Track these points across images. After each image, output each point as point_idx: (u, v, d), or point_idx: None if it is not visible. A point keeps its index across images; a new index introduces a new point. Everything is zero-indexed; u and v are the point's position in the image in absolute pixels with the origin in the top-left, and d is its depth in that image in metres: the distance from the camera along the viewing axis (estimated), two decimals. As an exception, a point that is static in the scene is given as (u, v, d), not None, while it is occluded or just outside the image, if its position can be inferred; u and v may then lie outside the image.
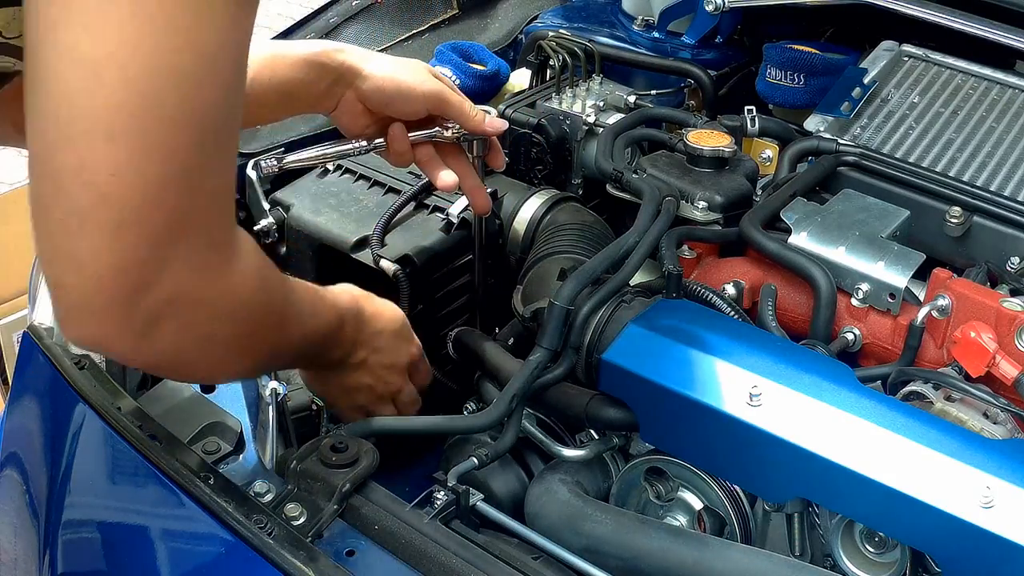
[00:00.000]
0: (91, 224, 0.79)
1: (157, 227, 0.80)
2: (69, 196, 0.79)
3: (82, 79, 0.76)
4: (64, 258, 0.81)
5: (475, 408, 1.33)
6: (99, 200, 0.78)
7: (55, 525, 1.21)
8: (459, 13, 1.99)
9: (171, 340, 0.87)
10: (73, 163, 0.78)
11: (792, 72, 1.65)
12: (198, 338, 0.90)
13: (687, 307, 1.22)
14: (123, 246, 0.80)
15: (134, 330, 0.84)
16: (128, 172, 0.78)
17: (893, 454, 1.03)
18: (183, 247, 0.83)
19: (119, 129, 0.77)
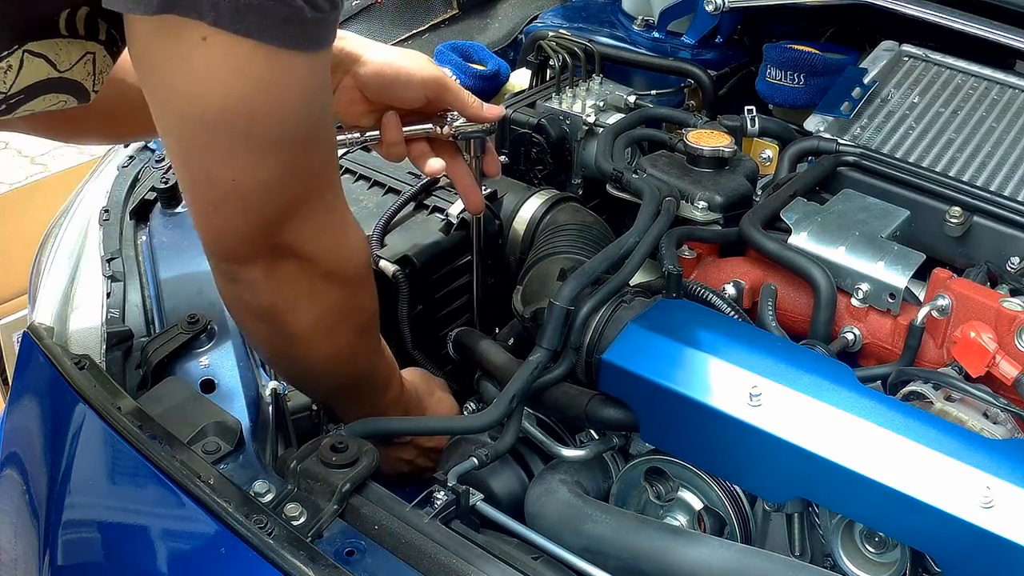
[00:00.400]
0: (223, 209, 1.02)
1: (277, 207, 1.02)
2: (203, 193, 1.02)
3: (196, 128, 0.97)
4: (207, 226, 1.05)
5: (475, 408, 1.33)
6: (225, 196, 1.01)
7: (55, 525, 1.21)
8: (459, 13, 1.99)
9: (289, 280, 1.08)
10: (203, 175, 1.01)
11: (792, 72, 1.65)
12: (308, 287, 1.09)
13: (687, 307, 1.23)
14: (250, 221, 1.02)
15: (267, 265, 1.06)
16: (244, 179, 0.99)
17: (893, 454, 1.03)
18: (302, 217, 1.04)
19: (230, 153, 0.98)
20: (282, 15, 0.91)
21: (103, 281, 1.43)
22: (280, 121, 0.98)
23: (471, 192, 1.39)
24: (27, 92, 1.04)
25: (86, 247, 1.52)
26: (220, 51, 0.92)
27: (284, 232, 1.04)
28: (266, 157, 0.99)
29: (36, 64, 1.02)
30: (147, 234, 1.54)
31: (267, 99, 0.96)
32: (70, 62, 1.04)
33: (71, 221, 1.60)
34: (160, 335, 1.31)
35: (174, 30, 0.91)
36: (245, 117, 0.95)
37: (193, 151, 0.99)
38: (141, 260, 1.48)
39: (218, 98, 0.94)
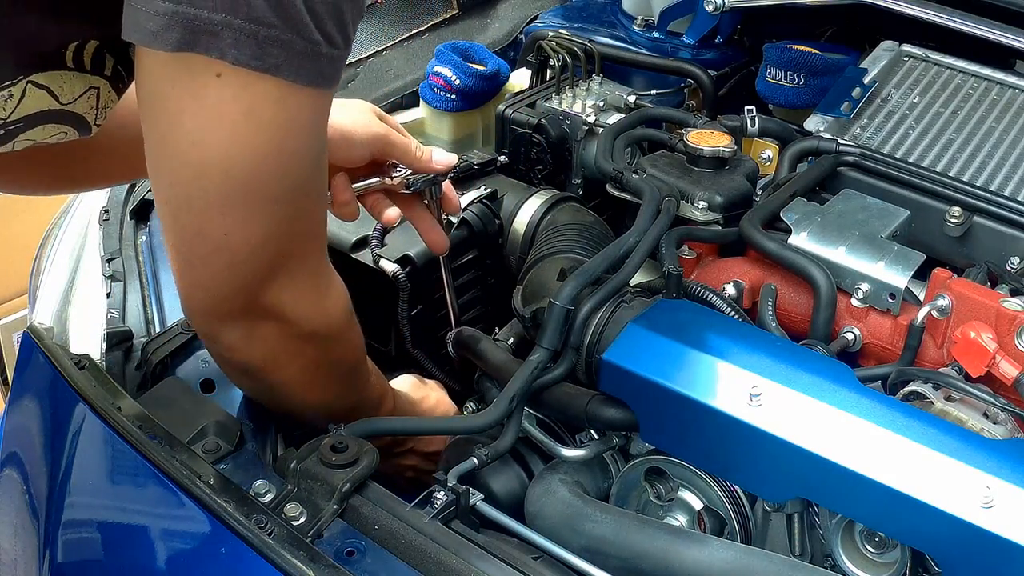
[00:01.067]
0: (209, 265, 1.00)
1: (262, 264, 1.01)
2: (192, 246, 1.00)
3: (194, 177, 0.95)
4: (191, 281, 1.03)
5: (475, 408, 1.33)
6: (215, 250, 0.99)
7: (55, 525, 1.21)
8: (459, 13, 1.99)
9: (268, 342, 1.07)
10: (193, 228, 0.98)
11: (792, 72, 1.65)
12: (288, 347, 1.09)
13: (687, 307, 1.22)
14: (235, 277, 1.01)
15: (241, 332, 1.06)
16: (236, 234, 0.98)
17: (893, 454, 1.03)
18: (284, 276, 1.03)
19: (226, 207, 0.96)
20: (300, 49, 0.91)
21: (103, 281, 1.43)
22: (282, 170, 0.97)
23: (433, 234, 1.37)
24: (26, 121, 1.02)
25: (86, 247, 1.52)
26: (234, 89, 0.91)
27: (266, 292, 1.03)
28: (263, 211, 0.98)
29: (38, 95, 1.01)
30: (147, 234, 1.54)
31: (272, 145, 0.95)
32: (73, 96, 1.03)
33: (71, 221, 1.60)
34: (160, 335, 1.31)
35: (188, 66, 0.90)
36: (247, 166, 0.94)
37: (187, 200, 0.97)
38: (141, 260, 1.48)
39: (223, 142, 0.93)
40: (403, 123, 1.78)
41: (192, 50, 0.89)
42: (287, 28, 0.90)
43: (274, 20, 0.89)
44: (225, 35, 0.88)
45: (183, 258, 1.01)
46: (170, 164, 0.96)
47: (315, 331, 1.09)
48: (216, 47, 0.89)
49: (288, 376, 1.12)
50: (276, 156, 0.95)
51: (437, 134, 1.80)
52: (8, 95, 0.99)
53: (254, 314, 1.04)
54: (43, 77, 1.00)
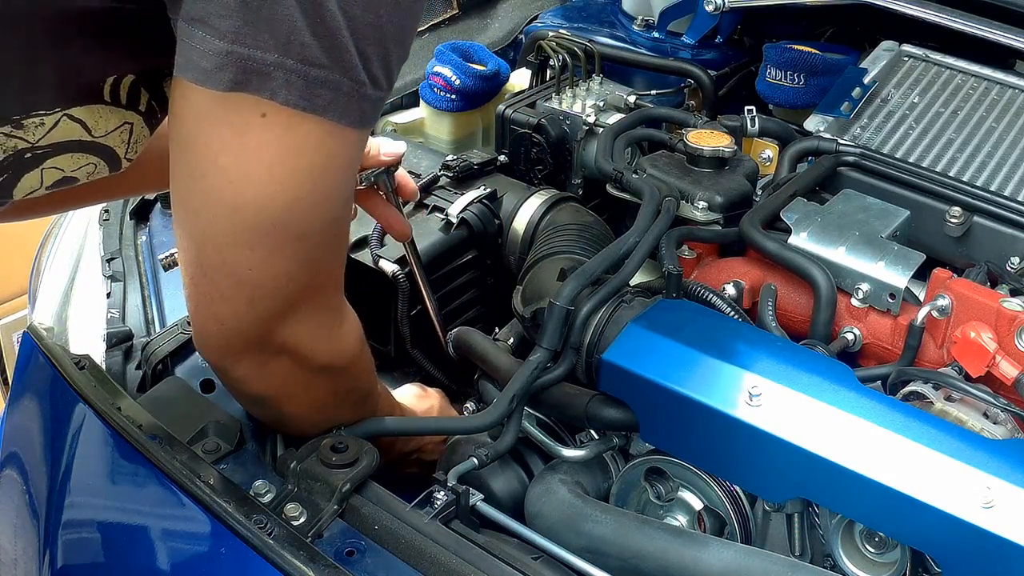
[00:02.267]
0: (230, 298, 0.99)
1: (282, 301, 1.01)
2: (214, 281, 0.99)
3: (226, 213, 0.94)
4: (208, 315, 1.01)
5: (475, 408, 1.33)
6: (237, 284, 0.98)
7: (55, 525, 1.21)
8: (459, 13, 1.99)
9: (281, 375, 1.07)
10: (217, 262, 0.98)
11: (792, 72, 1.65)
12: (301, 380, 1.08)
13: (687, 307, 1.22)
14: (254, 312, 1.00)
15: (254, 366, 1.05)
16: (261, 269, 0.97)
17: (893, 454, 1.03)
18: (302, 311, 1.02)
19: (256, 243, 0.96)
20: (347, 90, 0.91)
21: (103, 281, 1.43)
22: (314, 208, 0.97)
23: (393, 222, 1.37)
24: (55, 147, 1.02)
25: (86, 247, 1.53)
26: (278, 131, 0.91)
27: (283, 327, 1.02)
28: (291, 247, 0.98)
29: (70, 127, 1.01)
30: (147, 234, 1.54)
31: (309, 185, 0.95)
32: (107, 129, 1.04)
33: (71, 221, 1.60)
34: (160, 335, 1.31)
35: (235, 106, 0.90)
36: (282, 204, 0.94)
37: (214, 236, 0.96)
38: (141, 260, 1.48)
39: (262, 181, 0.93)
40: (403, 123, 1.79)
41: (244, 90, 0.89)
42: (337, 69, 0.90)
43: (325, 61, 0.89)
44: (277, 75, 0.88)
45: (201, 292, 1.00)
46: (202, 200, 0.95)
47: (329, 364, 1.09)
48: (267, 87, 0.89)
49: (300, 406, 1.13)
50: (311, 195, 0.96)
51: (437, 134, 1.80)
52: (40, 122, 0.99)
53: (269, 348, 1.03)
54: (80, 111, 1.01)
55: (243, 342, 1.03)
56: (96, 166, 1.07)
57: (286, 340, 1.03)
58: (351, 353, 1.12)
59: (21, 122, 0.98)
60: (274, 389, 1.09)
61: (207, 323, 1.02)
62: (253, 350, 1.03)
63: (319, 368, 1.08)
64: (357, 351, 1.13)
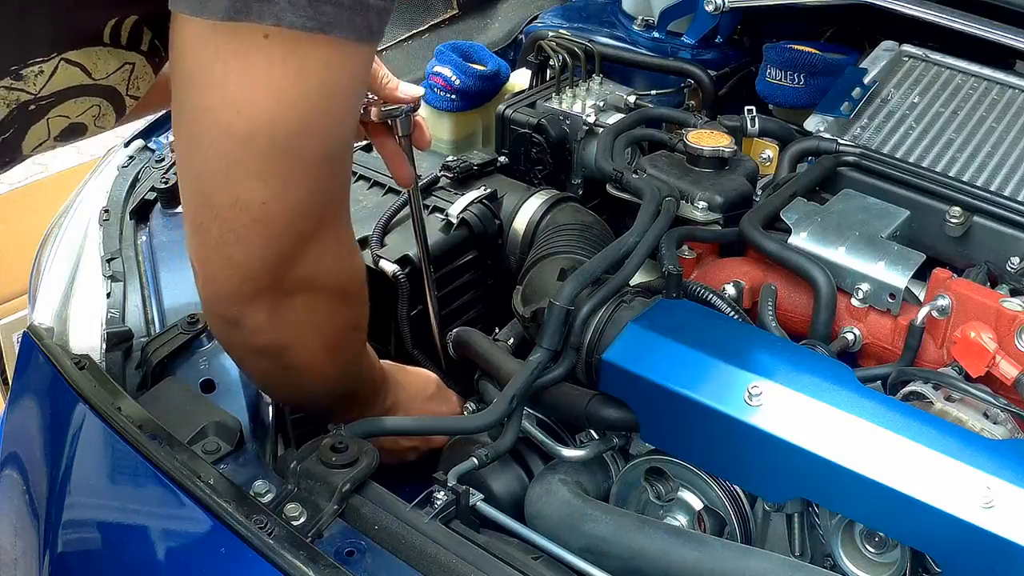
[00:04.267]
0: (245, 238, 0.96)
1: (298, 234, 0.98)
2: (227, 220, 0.95)
3: (237, 147, 0.92)
4: (221, 261, 0.98)
5: (475, 408, 1.33)
6: (252, 222, 0.95)
7: (55, 525, 1.21)
8: (459, 13, 1.99)
9: (298, 315, 1.04)
10: (229, 198, 0.94)
11: (792, 72, 1.65)
12: (318, 316, 1.06)
13: (687, 307, 1.22)
14: (272, 251, 0.97)
15: (272, 306, 1.02)
16: (275, 202, 0.95)
17: (893, 454, 1.03)
18: (315, 247, 1.00)
19: (269, 174, 0.93)
20: (349, 3, 0.89)
21: (103, 281, 1.43)
22: (325, 132, 0.95)
23: (400, 166, 1.36)
24: (58, 95, 1.01)
25: (86, 247, 1.53)
26: (282, 51, 0.88)
27: (300, 263, 1.00)
28: (304, 175, 0.95)
29: (70, 72, 1.00)
30: (147, 234, 1.54)
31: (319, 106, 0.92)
32: (107, 71, 1.02)
33: (71, 221, 1.60)
34: (160, 335, 1.31)
35: (235, 32, 0.87)
36: (293, 130, 0.92)
37: (225, 172, 0.93)
38: (141, 260, 1.48)
39: (270, 108, 0.90)
40: (403, 123, 1.78)
41: (245, 18, 0.86)
42: None
43: None
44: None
45: (213, 237, 0.96)
46: (210, 135, 0.92)
47: (345, 292, 1.08)
48: (271, 13, 0.86)
49: (311, 350, 1.10)
50: (322, 117, 0.93)
51: (437, 134, 1.79)
52: (39, 71, 0.98)
53: (285, 288, 1.01)
54: (77, 54, 0.99)
55: (258, 285, 0.99)
56: (100, 107, 1.05)
57: (304, 275, 1.01)
58: (362, 277, 1.11)
59: (20, 72, 0.97)
60: (287, 334, 1.06)
61: (220, 271, 0.99)
62: (269, 293, 1.00)
63: (334, 298, 1.06)
64: (364, 278, 1.12)
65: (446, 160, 1.56)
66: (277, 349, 1.08)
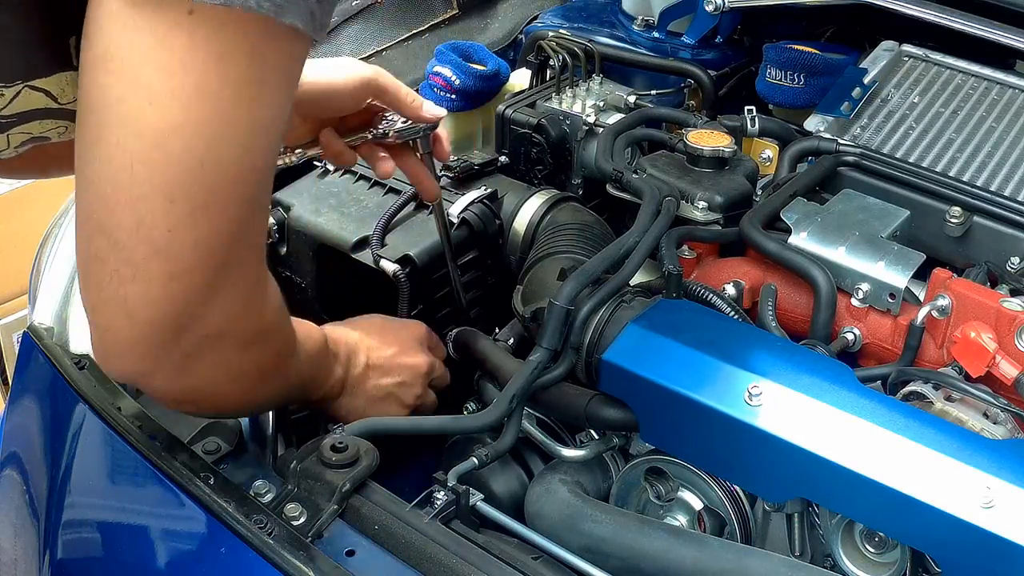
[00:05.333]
0: (144, 274, 0.84)
1: (206, 275, 0.86)
2: (124, 249, 0.83)
3: (146, 149, 0.80)
4: (115, 304, 0.86)
5: (475, 408, 1.33)
6: (154, 253, 0.83)
7: (55, 525, 1.21)
8: (459, 13, 1.98)
9: (208, 373, 0.94)
10: (131, 221, 0.82)
11: (792, 72, 1.65)
12: (230, 371, 0.97)
13: (687, 307, 1.22)
14: (174, 294, 0.85)
15: (175, 367, 0.91)
16: (184, 228, 0.83)
17: (893, 454, 1.03)
18: (228, 290, 0.88)
19: (180, 192, 0.82)
20: None
21: (103, 281, 1.42)
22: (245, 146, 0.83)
23: (424, 182, 1.36)
24: (20, 116, 0.94)
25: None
26: (208, 29, 0.78)
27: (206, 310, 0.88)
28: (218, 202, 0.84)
29: (34, 97, 0.92)
30: (147, 234, 1.53)
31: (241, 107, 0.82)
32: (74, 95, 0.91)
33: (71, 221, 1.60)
34: (160, 335, 1.30)
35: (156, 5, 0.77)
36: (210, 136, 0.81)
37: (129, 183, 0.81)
38: (141, 260, 1.47)
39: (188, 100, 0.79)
40: (403, 123, 1.78)
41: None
42: None
43: None
44: None
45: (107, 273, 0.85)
46: (116, 135, 0.81)
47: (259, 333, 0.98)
48: None
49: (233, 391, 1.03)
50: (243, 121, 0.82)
51: (437, 134, 1.80)
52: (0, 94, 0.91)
53: (191, 339, 0.89)
54: (44, 82, 0.92)
55: (158, 339, 0.87)
56: (67, 128, 0.97)
57: (211, 324, 0.89)
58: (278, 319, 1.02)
59: None
60: (201, 388, 0.97)
61: (113, 317, 0.87)
62: (171, 344, 0.88)
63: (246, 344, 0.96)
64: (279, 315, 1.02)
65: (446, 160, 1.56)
66: (194, 401, 1.01)
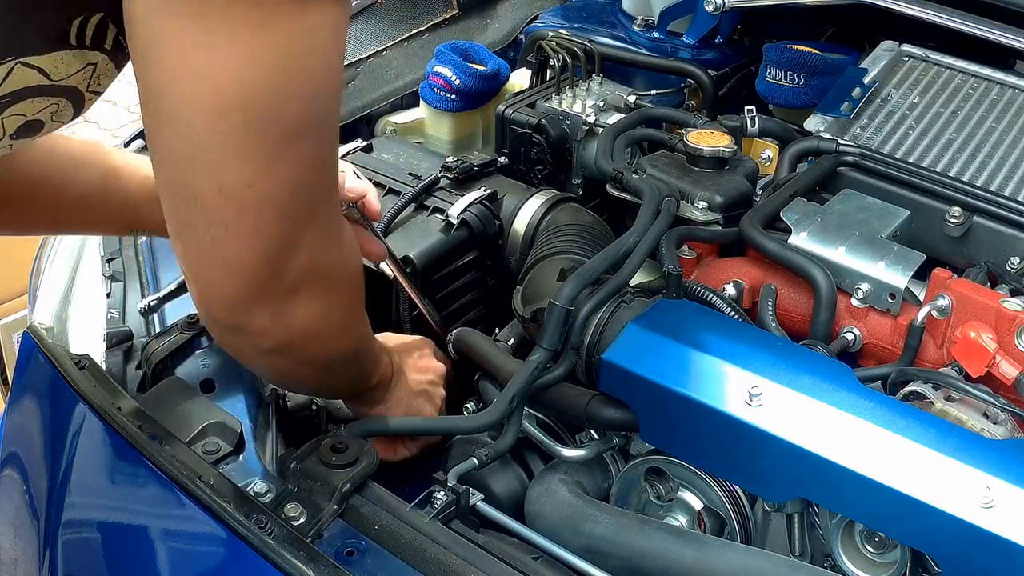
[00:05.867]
0: (235, 230, 0.88)
1: (291, 221, 0.91)
2: (212, 212, 0.88)
3: (209, 122, 0.84)
4: (212, 260, 0.91)
5: (475, 408, 1.33)
6: (240, 210, 0.88)
7: (55, 525, 1.21)
8: (459, 13, 1.99)
9: (304, 310, 0.98)
10: (212, 187, 0.87)
11: (792, 72, 1.65)
12: (324, 306, 1.00)
13: (687, 307, 1.22)
14: (265, 244, 0.90)
15: (274, 306, 0.95)
16: (262, 183, 0.87)
17: (893, 454, 1.03)
18: (311, 230, 0.93)
19: (250, 151, 0.86)
20: None
21: (103, 281, 1.43)
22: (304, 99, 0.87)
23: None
24: (13, 96, 0.95)
25: (86, 247, 1.53)
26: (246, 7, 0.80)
27: (296, 254, 0.93)
28: (287, 151, 0.87)
29: (27, 74, 0.94)
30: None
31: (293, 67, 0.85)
32: (68, 73, 0.96)
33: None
34: (160, 335, 1.31)
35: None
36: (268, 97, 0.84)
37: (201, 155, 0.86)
38: (141, 260, 1.48)
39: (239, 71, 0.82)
40: (403, 123, 1.79)
41: None
42: None
43: None
44: None
45: (200, 236, 0.89)
46: (180, 113, 0.84)
47: (347, 275, 1.02)
48: None
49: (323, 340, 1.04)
50: (297, 80, 0.85)
51: (437, 134, 1.80)
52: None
53: (285, 284, 0.94)
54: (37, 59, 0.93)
55: (258, 284, 0.92)
56: (59, 106, 0.99)
57: (302, 267, 0.94)
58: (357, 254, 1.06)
59: None
60: (297, 331, 1.00)
61: (214, 274, 0.92)
62: (270, 292, 0.94)
63: (337, 284, 1.00)
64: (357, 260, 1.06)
65: (446, 160, 1.56)
66: (289, 347, 1.02)
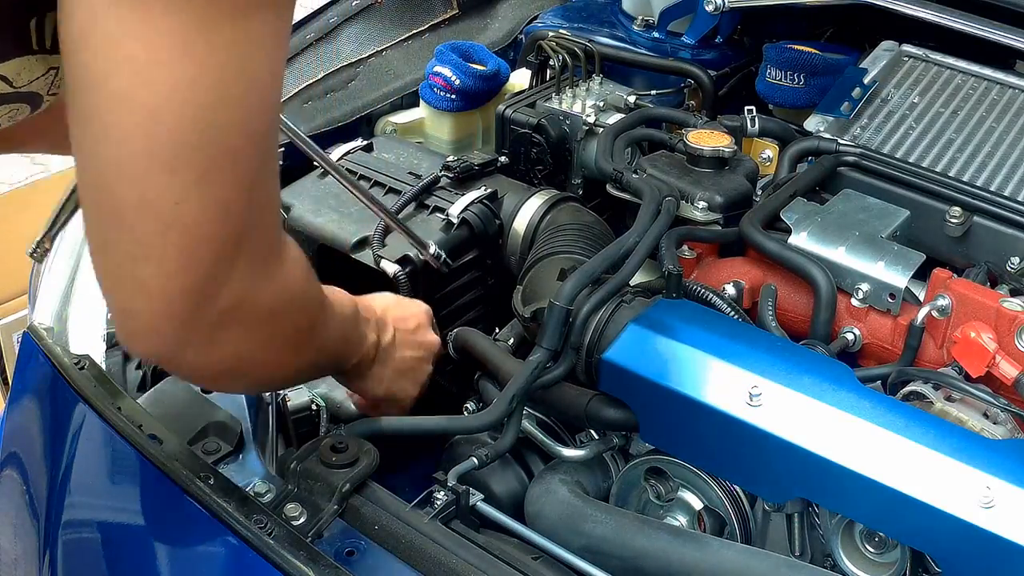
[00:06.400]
0: (157, 251, 0.81)
1: (221, 245, 0.83)
2: (133, 228, 0.80)
3: (139, 123, 0.77)
4: (131, 285, 0.83)
5: (475, 408, 1.33)
6: (164, 229, 0.80)
7: (55, 525, 1.21)
8: (459, 13, 1.99)
9: (236, 345, 0.90)
10: (135, 199, 0.79)
11: (792, 72, 1.65)
12: (260, 339, 0.93)
13: (687, 307, 1.22)
14: (189, 268, 0.82)
15: (203, 341, 0.87)
16: (191, 200, 0.80)
17: (893, 454, 1.03)
18: (244, 258, 0.85)
19: (180, 163, 0.78)
20: None
21: (103, 281, 1.42)
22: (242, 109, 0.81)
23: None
24: None
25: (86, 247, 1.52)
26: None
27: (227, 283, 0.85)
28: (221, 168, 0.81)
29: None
30: (147, 234, 1.53)
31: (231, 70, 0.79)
32: (30, 79, 0.90)
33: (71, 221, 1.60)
34: (160, 335, 1.30)
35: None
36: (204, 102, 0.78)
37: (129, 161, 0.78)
38: (141, 260, 1.47)
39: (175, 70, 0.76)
40: (403, 123, 1.79)
41: None
42: None
43: None
44: None
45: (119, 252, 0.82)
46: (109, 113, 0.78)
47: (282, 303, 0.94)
48: None
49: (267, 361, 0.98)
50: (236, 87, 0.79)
51: (437, 134, 1.80)
52: None
53: (214, 310, 0.85)
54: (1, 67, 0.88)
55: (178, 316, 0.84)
56: (18, 110, 0.95)
57: (230, 302, 0.86)
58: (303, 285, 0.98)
59: None
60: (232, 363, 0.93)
61: (131, 298, 0.83)
62: (195, 321, 0.85)
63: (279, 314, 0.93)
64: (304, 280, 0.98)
65: (446, 160, 1.56)
66: (230, 374, 0.97)
